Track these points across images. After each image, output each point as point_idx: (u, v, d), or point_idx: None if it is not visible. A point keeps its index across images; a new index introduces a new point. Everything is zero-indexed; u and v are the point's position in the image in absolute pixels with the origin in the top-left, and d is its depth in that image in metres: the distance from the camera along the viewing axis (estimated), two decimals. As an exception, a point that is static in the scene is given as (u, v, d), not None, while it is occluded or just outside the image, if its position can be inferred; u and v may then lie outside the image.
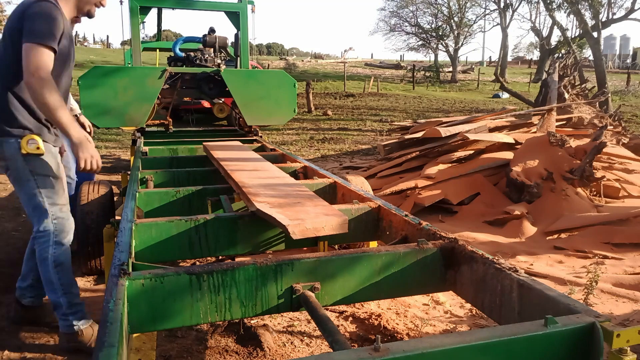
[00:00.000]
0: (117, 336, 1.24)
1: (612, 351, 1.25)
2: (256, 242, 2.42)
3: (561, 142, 5.32)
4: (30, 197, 2.26)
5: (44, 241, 2.30)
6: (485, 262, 1.75)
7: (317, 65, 40.56)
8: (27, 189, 2.25)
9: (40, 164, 2.24)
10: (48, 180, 2.27)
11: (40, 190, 2.25)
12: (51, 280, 2.33)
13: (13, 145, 2.18)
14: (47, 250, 2.30)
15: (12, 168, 2.22)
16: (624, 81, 25.00)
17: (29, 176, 2.22)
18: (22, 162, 2.20)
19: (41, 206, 2.27)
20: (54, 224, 2.30)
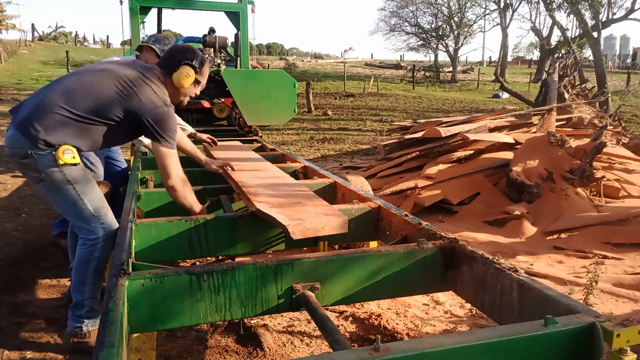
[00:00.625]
0: (117, 336, 1.24)
1: (612, 351, 1.25)
2: (256, 242, 2.42)
3: (561, 142, 5.32)
4: (73, 205, 2.27)
5: (92, 244, 2.31)
6: (485, 262, 1.75)
7: (317, 65, 40.56)
8: (68, 198, 2.25)
9: (77, 172, 2.25)
10: (88, 187, 2.29)
11: (82, 197, 2.26)
12: (85, 282, 2.35)
13: (47, 157, 2.17)
14: (93, 253, 2.32)
15: (48, 179, 2.21)
16: (624, 81, 25.00)
17: (68, 185, 2.23)
18: (60, 173, 2.20)
19: (86, 212, 2.28)
20: (103, 228, 2.32)
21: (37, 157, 2.16)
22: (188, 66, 2.43)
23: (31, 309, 2.96)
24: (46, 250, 3.93)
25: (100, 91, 2.24)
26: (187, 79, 2.44)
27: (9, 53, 29.16)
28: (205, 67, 2.53)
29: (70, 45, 44.60)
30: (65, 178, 2.21)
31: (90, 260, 2.33)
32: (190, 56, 2.45)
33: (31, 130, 2.15)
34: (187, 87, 2.48)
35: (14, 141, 2.20)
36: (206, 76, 2.59)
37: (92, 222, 2.30)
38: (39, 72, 24.78)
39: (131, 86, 2.26)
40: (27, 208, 5.12)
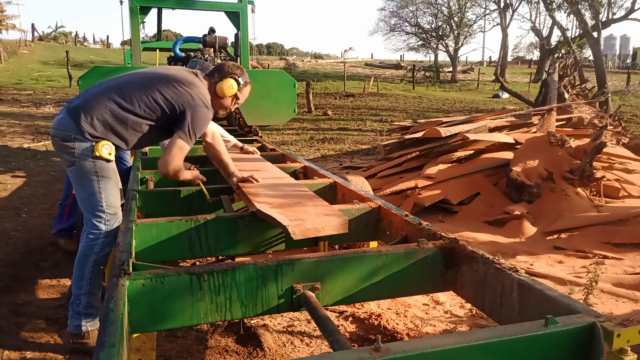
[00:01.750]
0: (117, 336, 1.24)
1: (613, 351, 1.25)
2: (256, 242, 2.42)
3: (561, 142, 5.32)
4: (90, 195, 2.35)
5: (93, 238, 2.37)
6: (485, 262, 1.75)
7: (317, 65, 40.55)
8: (89, 188, 2.34)
9: (107, 167, 2.36)
10: (110, 183, 2.37)
11: (101, 191, 2.35)
12: (82, 277, 2.39)
13: (86, 146, 2.29)
14: (93, 248, 2.37)
15: (79, 165, 2.32)
16: (624, 81, 24.98)
17: (94, 176, 2.33)
18: (92, 163, 2.31)
19: (98, 206, 2.35)
20: (106, 225, 2.37)
21: (77, 143, 2.29)
22: (234, 80, 2.61)
23: (31, 309, 2.96)
24: (46, 250, 3.93)
25: (154, 85, 2.40)
26: (229, 89, 2.59)
27: (9, 53, 29.14)
28: (247, 87, 2.70)
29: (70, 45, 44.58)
30: (95, 169, 2.32)
31: (89, 255, 2.37)
32: (237, 72, 2.63)
33: (81, 117, 2.29)
34: (227, 97, 2.62)
35: (61, 124, 2.33)
36: (245, 96, 2.74)
37: (100, 217, 2.36)
38: (39, 72, 24.77)
39: (185, 84, 2.44)
40: (27, 208, 5.12)
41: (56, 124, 2.36)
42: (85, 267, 2.38)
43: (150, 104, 2.38)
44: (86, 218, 2.41)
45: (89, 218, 2.39)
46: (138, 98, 2.37)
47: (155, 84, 2.42)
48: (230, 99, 2.65)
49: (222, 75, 2.61)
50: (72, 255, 2.52)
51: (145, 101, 2.37)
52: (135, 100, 2.36)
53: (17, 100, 15.64)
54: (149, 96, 2.38)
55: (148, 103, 2.38)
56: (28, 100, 15.98)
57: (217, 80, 2.60)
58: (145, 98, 2.37)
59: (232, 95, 2.63)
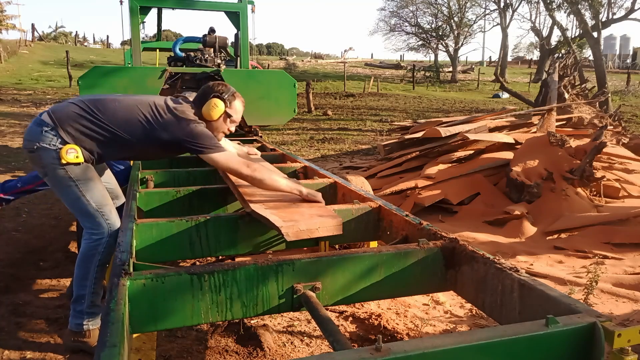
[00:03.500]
0: (118, 336, 1.24)
1: (613, 351, 1.25)
2: (257, 242, 2.42)
3: (561, 142, 5.32)
4: (75, 201, 2.31)
5: (97, 239, 2.35)
6: (486, 262, 1.75)
7: (317, 65, 40.54)
8: (70, 194, 2.30)
9: (80, 170, 2.29)
10: (90, 184, 2.32)
11: (84, 194, 2.30)
12: (87, 277, 2.37)
13: (51, 154, 2.22)
14: (97, 248, 2.35)
15: (51, 175, 2.27)
16: (624, 81, 24.99)
17: (69, 182, 2.27)
18: (62, 170, 2.25)
19: (89, 209, 2.32)
20: (107, 224, 2.36)
21: (42, 152, 2.23)
22: (216, 98, 2.48)
23: (31, 309, 2.96)
24: (46, 250, 3.93)
25: (131, 108, 2.33)
26: (214, 109, 2.46)
27: (9, 53, 29.14)
28: (237, 101, 2.56)
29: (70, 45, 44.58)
30: (68, 175, 2.26)
31: (94, 255, 2.36)
32: (219, 89, 2.51)
33: (44, 123, 2.24)
34: (216, 119, 2.49)
35: (27, 133, 2.29)
36: (239, 111, 2.60)
37: (96, 218, 2.33)
38: (39, 72, 24.76)
39: (164, 111, 2.37)
40: (27, 208, 5.12)
41: (25, 134, 2.31)
42: (90, 267, 2.37)
43: (124, 116, 2.31)
44: (82, 223, 2.39)
45: (84, 222, 2.37)
46: (111, 110, 2.30)
47: (136, 102, 2.36)
48: (222, 119, 2.53)
49: (204, 98, 2.50)
50: (73, 255, 2.52)
51: (119, 114, 2.30)
52: (108, 114, 2.30)
53: (17, 100, 15.64)
54: (124, 110, 2.32)
55: (122, 115, 2.31)
56: (28, 100, 15.99)
57: (201, 104, 2.48)
58: (120, 112, 2.31)
59: (222, 114, 2.51)
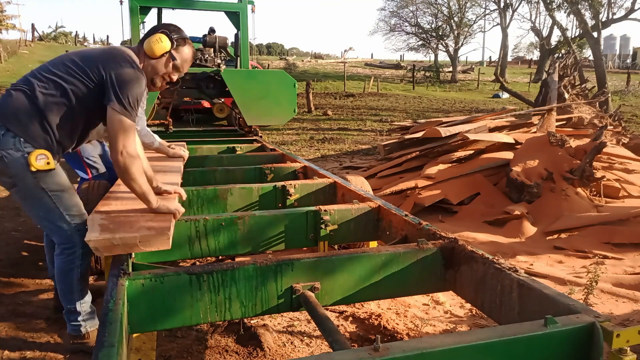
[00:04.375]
0: (116, 336, 1.24)
1: (612, 351, 1.25)
2: (256, 242, 2.42)
3: (561, 142, 5.32)
4: (47, 213, 2.11)
5: (71, 253, 2.17)
6: (485, 262, 1.75)
7: (317, 65, 40.55)
8: (43, 206, 2.09)
9: (52, 179, 2.08)
10: (64, 195, 2.12)
11: (58, 204, 2.09)
12: (72, 290, 2.24)
13: (19, 160, 1.99)
14: (74, 262, 2.19)
15: (20, 185, 2.05)
16: (624, 81, 24.98)
17: (42, 193, 2.05)
18: (32, 179, 2.02)
19: (62, 220, 2.12)
20: (79, 234, 2.13)
21: (8, 160, 1.99)
22: (162, 33, 2.19)
23: (31, 309, 2.96)
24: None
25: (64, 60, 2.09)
26: (157, 44, 2.16)
27: (9, 53, 29.14)
28: (186, 47, 2.26)
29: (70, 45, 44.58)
30: (39, 185, 2.04)
31: (72, 270, 2.20)
32: (170, 27, 2.23)
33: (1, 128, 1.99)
34: (158, 56, 2.18)
35: None
36: (185, 59, 2.28)
37: (68, 231, 2.14)
38: (39, 72, 24.76)
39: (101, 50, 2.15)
40: (27, 208, 5.12)
41: None
42: (72, 282, 2.22)
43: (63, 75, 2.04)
44: (52, 236, 2.21)
45: (55, 236, 2.18)
46: (49, 78, 2.04)
47: (65, 59, 2.09)
48: (165, 60, 2.21)
49: (149, 33, 2.21)
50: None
51: (58, 77, 2.04)
52: (46, 76, 2.04)
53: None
54: (59, 70, 2.05)
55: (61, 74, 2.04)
56: (28, 100, 15.95)
57: (145, 39, 2.20)
58: (57, 74, 2.05)
59: (165, 53, 2.19)
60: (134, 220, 1.96)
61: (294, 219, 2.46)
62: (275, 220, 2.43)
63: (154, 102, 5.13)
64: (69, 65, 2.07)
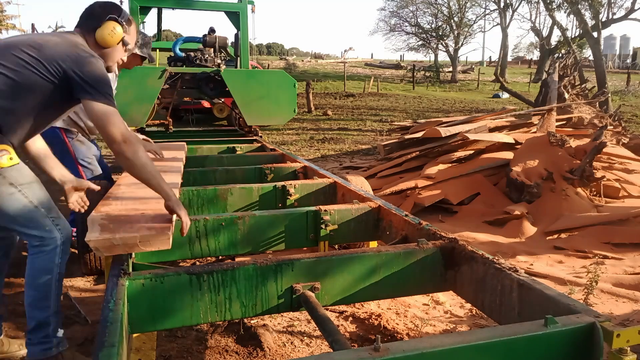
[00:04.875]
0: (117, 336, 1.24)
1: (612, 351, 1.25)
2: (256, 242, 2.42)
3: (561, 142, 5.32)
4: (21, 210, 1.94)
5: (50, 250, 2.02)
6: (485, 262, 1.75)
7: (317, 65, 40.56)
8: (13, 203, 1.92)
9: (19, 173, 1.94)
10: (34, 187, 1.98)
11: (31, 199, 1.95)
12: (48, 296, 2.03)
13: None
14: (54, 259, 2.02)
15: None
16: (624, 81, 24.99)
17: (11, 189, 1.91)
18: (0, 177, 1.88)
19: (38, 214, 1.98)
20: (58, 230, 2.03)
21: None
22: (114, 21, 2.07)
23: (31, 309, 2.96)
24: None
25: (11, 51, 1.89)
26: (113, 36, 2.07)
27: (9, 53, 29.12)
28: (133, 26, 2.18)
29: (70, 45, 44.51)
30: (7, 182, 1.90)
31: (52, 269, 2.02)
32: (116, 11, 2.10)
33: None
34: (114, 46, 2.10)
35: None
36: (135, 37, 2.23)
37: (46, 225, 2.00)
38: (39, 72, 24.74)
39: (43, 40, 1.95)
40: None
41: None
42: (51, 284, 2.03)
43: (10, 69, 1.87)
44: (29, 235, 2.02)
45: (34, 234, 2.00)
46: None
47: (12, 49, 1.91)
48: (119, 46, 2.14)
49: (97, 20, 2.07)
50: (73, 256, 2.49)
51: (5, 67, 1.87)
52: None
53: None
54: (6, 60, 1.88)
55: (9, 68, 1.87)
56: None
57: (93, 28, 2.07)
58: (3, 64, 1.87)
59: (119, 40, 2.10)
60: (134, 220, 1.95)
61: (294, 219, 2.46)
62: (275, 220, 2.44)
63: (154, 102, 5.13)
64: (18, 56, 1.89)
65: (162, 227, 1.88)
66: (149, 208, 2.09)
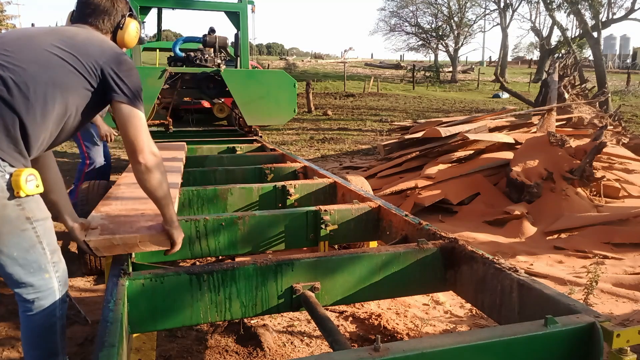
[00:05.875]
0: (117, 336, 1.24)
1: (612, 351, 1.25)
2: (256, 242, 2.42)
3: (561, 142, 5.32)
4: (27, 250, 1.59)
5: (48, 304, 1.67)
6: (485, 262, 1.75)
7: (317, 65, 40.56)
8: (22, 241, 1.57)
9: (37, 205, 1.61)
10: (47, 224, 1.66)
11: (41, 239, 1.62)
12: (56, 352, 1.73)
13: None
14: (55, 313, 1.69)
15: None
16: (624, 81, 24.99)
17: (26, 225, 1.57)
18: (15, 208, 1.53)
19: (43, 259, 1.64)
20: (57, 277, 1.68)
21: None
22: (133, 19, 1.89)
23: (31, 309, 2.96)
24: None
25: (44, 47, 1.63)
26: (135, 34, 1.90)
27: (9, 53, 29.12)
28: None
29: (70, 45, 44.54)
30: (25, 215, 1.56)
31: (55, 324, 1.70)
32: (126, 6, 1.89)
33: None
34: (129, 48, 1.92)
35: None
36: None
37: (47, 271, 1.65)
38: (39, 72, 24.73)
39: (71, 33, 1.71)
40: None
41: None
42: (56, 340, 1.72)
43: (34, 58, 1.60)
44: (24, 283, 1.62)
45: (29, 280, 1.62)
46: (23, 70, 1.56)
47: (45, 46, 1.63)
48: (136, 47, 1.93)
49: (110, 15, 1.83)
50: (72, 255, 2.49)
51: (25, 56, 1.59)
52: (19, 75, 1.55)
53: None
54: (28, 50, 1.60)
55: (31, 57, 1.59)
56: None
57: (112, 26, 1.85)
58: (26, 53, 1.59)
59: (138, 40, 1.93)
60: (134, 220, 1.95)
61: (294, 219, 2.46)
62: (275, 220, 2.44)
63: (154, 102, 5.13)
64: (51, 52, 1.62)
65: (162, 227, 1.88)
66: (149, 208, 2.08)
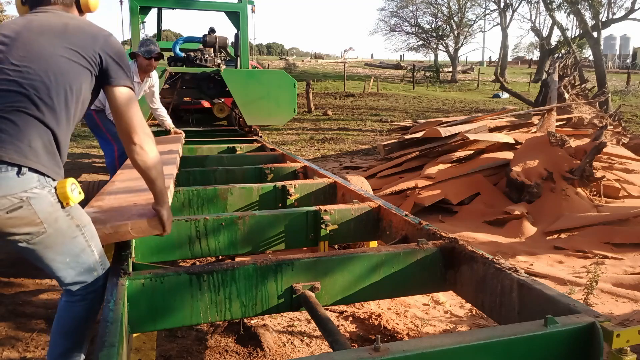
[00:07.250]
0: (117, 336, 1.24)
1: (612, 351, 1.25)
2: (256, 242, 2.42)
3: (561, 142, 5.32)
4: (79, 254, 1.65)
5: (93, 297, 1.72)
6: (485, 262, 1.75)
7: (317, 65, 40.57)
8: (73, 248, 1.63)
9: (80, 211, 1.67)
10: (92, 228, 1.72)
11: (90, 242, 1.68)
12: (81, 345, 1.77)
13: (47, 199, 1.51)
14: (94, 307, 1.75)
15: (51, 231, 1.53)
16: (624, 81, 24.98)
17: (76, 232, 1.62)
18: (66, 218, 1.57)
19: (92, 260, 1.69)
20: (103, 275, 1.74)
21: (34, 202, 1.48)
22: None
23: (31, 309, 2.96)
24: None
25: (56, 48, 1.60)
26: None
27: (9, 53, 29.12)
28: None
29: (70, 45, 44.53)
30: (74, 223, 1.61)
31: (90, 318, 1.75)
32: None
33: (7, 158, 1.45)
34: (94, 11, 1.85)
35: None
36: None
37: (96, 270, 1.71)
38: (39, 72, 24.73)
39: (59, 23, 1.66)
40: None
41: None
42: (86, 332, 1.77)
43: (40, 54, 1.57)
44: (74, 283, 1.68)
45: (81, 279, 1.68)
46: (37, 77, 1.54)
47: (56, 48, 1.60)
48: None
49: None
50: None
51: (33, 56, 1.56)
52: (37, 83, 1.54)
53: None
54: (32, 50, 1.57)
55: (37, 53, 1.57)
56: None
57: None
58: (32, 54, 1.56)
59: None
60: (126, 211, 1.96)
61: (294, 219, 2.46)
62: (275, 220, 2.44)
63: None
64: (63, 56, 1.60)
65: (152, 213, 1.85)
66: (142, 199, 2.08)
